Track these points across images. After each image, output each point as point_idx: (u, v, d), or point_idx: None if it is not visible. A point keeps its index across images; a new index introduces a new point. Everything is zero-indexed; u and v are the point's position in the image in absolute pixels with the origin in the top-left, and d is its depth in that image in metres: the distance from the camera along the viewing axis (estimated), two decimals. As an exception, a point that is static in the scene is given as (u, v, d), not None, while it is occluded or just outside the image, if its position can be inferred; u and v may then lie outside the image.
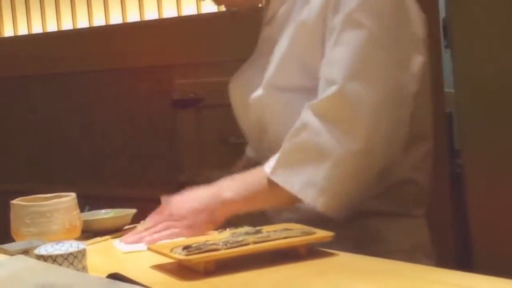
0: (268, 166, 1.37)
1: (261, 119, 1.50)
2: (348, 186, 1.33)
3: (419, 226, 1.52)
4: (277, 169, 1.35)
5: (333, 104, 1.31)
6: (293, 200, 1.36)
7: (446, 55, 2.26)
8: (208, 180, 1.47)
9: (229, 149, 1.92)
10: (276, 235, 1.24)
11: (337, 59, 1.32)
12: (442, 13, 2.40)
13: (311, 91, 1.37)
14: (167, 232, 1.40)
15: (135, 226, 1.60)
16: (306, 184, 1.32)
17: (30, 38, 3.39)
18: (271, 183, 1.36)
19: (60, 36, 3.27)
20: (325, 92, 1.31)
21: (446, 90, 2.25)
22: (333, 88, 1.30)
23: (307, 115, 1.33)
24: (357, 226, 1.42)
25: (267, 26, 1.57)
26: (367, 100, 1.30)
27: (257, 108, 1.50)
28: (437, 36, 2.35)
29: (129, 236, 1.43)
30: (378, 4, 1.33)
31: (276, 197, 1.39)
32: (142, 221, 1.64)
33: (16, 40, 3.44)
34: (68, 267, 1.10)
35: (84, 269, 1.13)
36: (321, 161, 1.31)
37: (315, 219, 1.32)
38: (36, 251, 1.13)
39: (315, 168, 1.31)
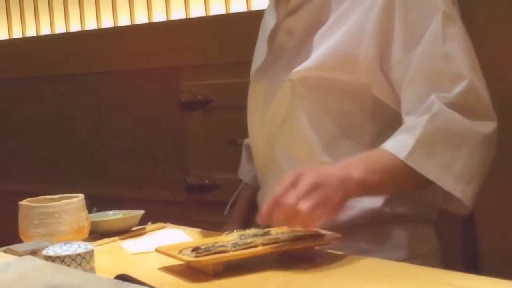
0: (401, 150, 1.29)
1: (285, 114, 1.47)
2: (479, 174, 1.33)
3: (432, 231, 1.51)
4: (414, 154, 1.28)
5: (467, 96, 1.32)
6: (425, 185, 1.32)
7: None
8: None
9: (237, 151, 1.91)
10: (285, 236, 1.25)
11: (454, 54, 1.33)
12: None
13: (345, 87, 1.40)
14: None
15: (143, 228, 1.61)
16: (443, 170, 1.29)
17: (39, 40, 3.39)
18: (405, 168, 1.28)
19: (68, 37, 3.27)
20: (456, 86, 1.31)
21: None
22: (464, 83, 1.31)
23: (438, 106, 1.30)
24: (371, 233, 1.40)
25: (289, 17, 1.53)
26: (484, 91, 1.34)
27: (284, 102, 1.46)
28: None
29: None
30: None
31: (409, 182, 1.32)
32: (149, 223, 1.65)
33: (25, 41, 3.44)
34: (76, 268, 1.10)
35: (92, 270, 1.13)
36: (459, 146, 1.30)
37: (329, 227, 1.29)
38: (44, 252, 1.13)
39: (453, 153, 1.29)
